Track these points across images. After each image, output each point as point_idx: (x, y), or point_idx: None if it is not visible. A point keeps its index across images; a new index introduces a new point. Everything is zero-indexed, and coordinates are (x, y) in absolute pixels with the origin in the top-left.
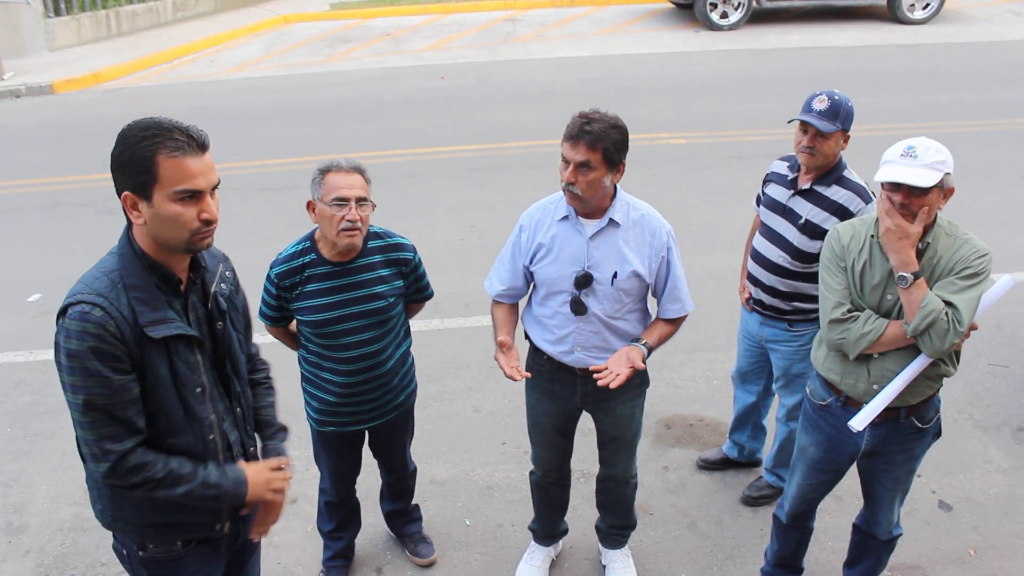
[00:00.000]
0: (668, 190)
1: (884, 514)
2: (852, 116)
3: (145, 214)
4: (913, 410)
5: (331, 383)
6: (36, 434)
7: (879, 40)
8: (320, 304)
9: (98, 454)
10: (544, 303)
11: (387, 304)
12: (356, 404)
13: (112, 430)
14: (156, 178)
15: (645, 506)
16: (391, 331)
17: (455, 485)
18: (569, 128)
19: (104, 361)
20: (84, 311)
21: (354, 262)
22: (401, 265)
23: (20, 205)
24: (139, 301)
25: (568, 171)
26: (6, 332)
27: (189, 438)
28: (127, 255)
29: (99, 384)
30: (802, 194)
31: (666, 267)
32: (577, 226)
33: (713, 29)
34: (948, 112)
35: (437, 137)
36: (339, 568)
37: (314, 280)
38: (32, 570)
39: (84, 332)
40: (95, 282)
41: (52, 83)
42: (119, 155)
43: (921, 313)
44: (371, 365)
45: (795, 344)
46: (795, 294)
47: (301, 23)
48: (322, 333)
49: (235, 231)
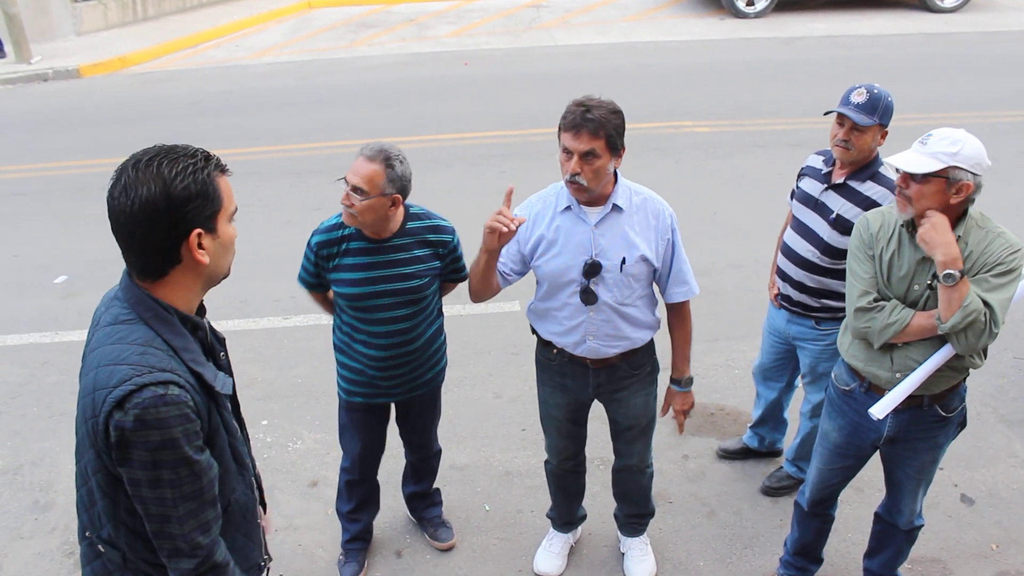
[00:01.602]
0: (691, 178)
1: (907, 503)
2: (891, 111)
3: (210, 249)
4: (937, 398)
5: (362, 355)
6: (62, 414)
7: (908, 28)
8: (355, 279)
9: (185, 549)
10: (552, 296)
11: (421, 284)
12: (385, 378)
13: (199, 520)
14: (221, 204)
15: (664, 494)
16: (424, 309)
17: (475, 470)
18: (568, 118)
19: (192, 442)
20: (158, 394)
21: (390, 240)
22: (439, 247)
23: (47, 188)
24: (195, 363)
25: (572, 162)
26: (32, 314)
27: (243, 489)
28: (161, 317)
29: (192, 470)
30: (835, 188)
31: (671, 249)
32: (581, 215)
33: (739, 16)
34: (979, 102)
35: (460, 124)
36: (357, 551)
37: (351, 254)
38: (58, 547)
39: (168, 418)
40: (145, 358)
41: (79, 67)
42: (182, 189)
43: (963, 312)
44: (402, 341)
45: (823, 343)
46: (823, 291)
47: (325, 8)
48: (356, 306)
49: (258, 216)
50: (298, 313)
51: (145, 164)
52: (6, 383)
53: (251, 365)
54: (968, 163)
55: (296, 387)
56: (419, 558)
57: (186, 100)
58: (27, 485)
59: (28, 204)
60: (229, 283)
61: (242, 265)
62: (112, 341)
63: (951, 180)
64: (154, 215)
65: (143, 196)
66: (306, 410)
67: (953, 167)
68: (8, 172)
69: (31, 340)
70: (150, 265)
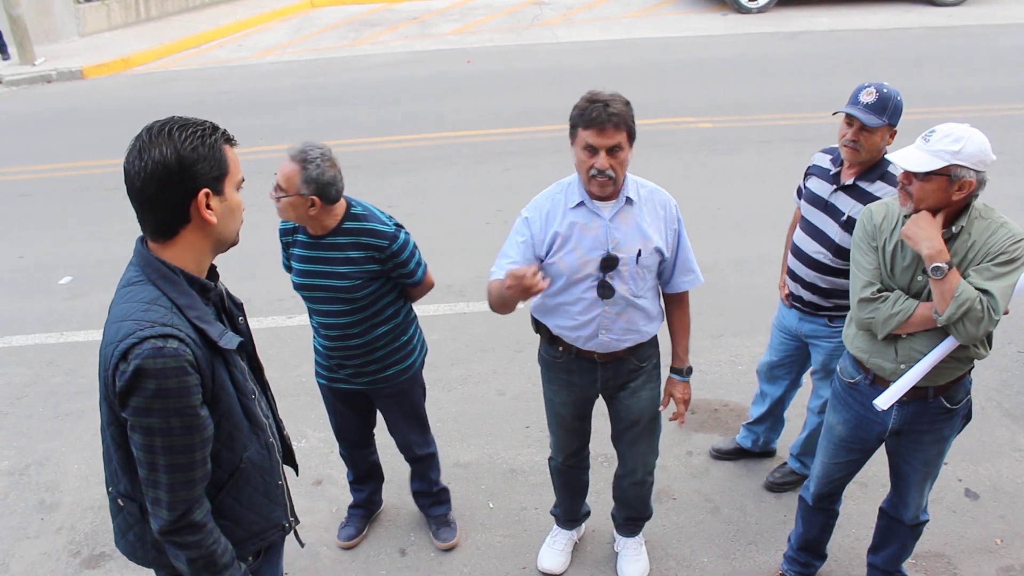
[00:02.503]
0: (694, 174)
1: (913, 496)
2: (900, 111)
3: (217, 210)
4: (942, 390)
5: (317, 339)
6: (67, 414)
7: (911, 22)
8: (299, 269)
9: (164, 500)
10: (566, 290)
11: (351, 284)
12: (336, 367)
13: (185, 476)
14: (228, 169)
15: (668, 491)
16: (361, 309)
17: (479, 468)
18: (588, 116)
19: (188, 396)
20: (156, 346)
21: (324, 238)
22: (374, 250)
23: (52, 189)
24: (199, 320)
25: (600, 158)
26: (38, 314)
27: (257, 448)
28: (167, 276)
29: (184, 424)
30: (845, 190)
31: (677, 239)
32: (594, 209)
33: (741, 12)
34: (983, 95)
35: (463, 121)
36: (358, 517)
37: (298, 246)
38: (64, 547)
39: (164, 369)
40: (148, 314)
41: (82, 68)
42: (191, 151)
43: (955, 303)
44: (342, 335)
45: (836, 340)
46: (835, 291)
47: (328, 7)
48: (302, 296)
49: (261, 215)
50: (301, 312)
51: (158, 130)
52: (12, 384)
53: None
54: (970, 161)
55: (300, 386)
56: (423, 555)
57: (189, 100)
58: (33, 485)
59: (33, 205)
60: (232, 282)
61: (245, 264)
62: (123, 300)
63: (953, 178)
64: (166, 174)
65: (155, 157)
66: (310, 409)
67: (955, 165)
68: (13, 174)
69: (37, 341)
70: (162, 223)
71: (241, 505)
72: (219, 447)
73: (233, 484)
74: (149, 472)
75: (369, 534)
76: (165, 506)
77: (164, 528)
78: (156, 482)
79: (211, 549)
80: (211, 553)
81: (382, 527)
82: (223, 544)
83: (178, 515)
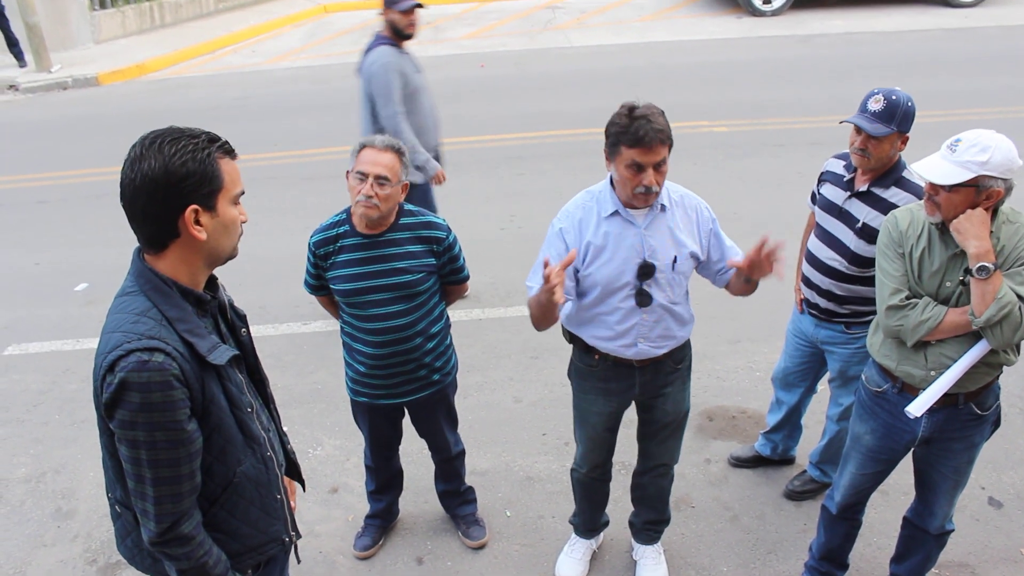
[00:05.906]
0: (710, 178)
1: (941, 505)
2: (911, 117)
3: (208, 226)
4: (972, 396)
5: (361, 354)
6: (83, 421)
7: (927, 24)
8: (349, 274)
9: (152, 513)
10: (603, 301)
11: (414, 279)
12: (385, 377)
13: (172, 489)
14: (221, 184)
15: (687, 499)
16: (421, 306)
17: (495, 476)
18: (634, 134)
19: (174, 410)
20: (142, 360)
21: (383, 235)
22: (432, 243)
23: (68, 196)
24: (189, 333)
25: (647, 176)
26: (54, 321)
27: (253, 462)
28: (159, 289)
29: (169, 437)
30: (859, 196)
31: (715, 237)
32: (629, 218)
33: (756, 15)
34: (1000, 97)
35: (477, 126)
36: (375, 527)
37: (345, 251)
38: (80, 555)
39: (149, 383)
40: (137, 326)
41: (97, 75)
42: (180, 166)
43: (997, 304)
44: (398, 339)
45: (852, 346)
46: (851, 298)
47: (341, 12)
48: (352, 303)
49: (277, 221)
50: (317, 319)
51: (150, 142)
52: (28, 391)
53: (270, 371)
54: (998, 170)
55: (316, 393)
56: (440, 564)
57: (204, 106)
58: (49, 493)
59: (49, 212)
60: (248, 289)
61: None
62: (116, 311)
63: (981, 188)
64: (153, 188)
65: (144, 170)
66: (326, 416)
67: (983, 176)
68: (30, 181)
69: (53, 348)
70: (152, 236)
71: (236, 518)
72: (211, 460)
73: (227, 497)
74: (136, 484)
75: (385, 543)
76: (152, 518)
77: (152, 540)
78: (143, 494)
79: (202, 561)
80: (202, 565)
81: (399, 535)
82: (215, 555)
83: (165, 527)
